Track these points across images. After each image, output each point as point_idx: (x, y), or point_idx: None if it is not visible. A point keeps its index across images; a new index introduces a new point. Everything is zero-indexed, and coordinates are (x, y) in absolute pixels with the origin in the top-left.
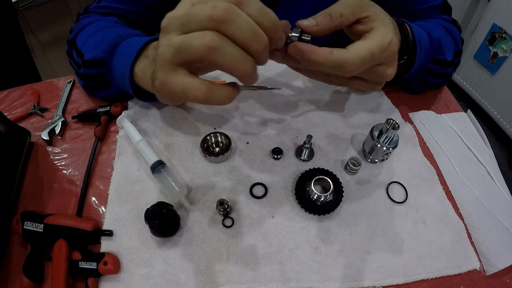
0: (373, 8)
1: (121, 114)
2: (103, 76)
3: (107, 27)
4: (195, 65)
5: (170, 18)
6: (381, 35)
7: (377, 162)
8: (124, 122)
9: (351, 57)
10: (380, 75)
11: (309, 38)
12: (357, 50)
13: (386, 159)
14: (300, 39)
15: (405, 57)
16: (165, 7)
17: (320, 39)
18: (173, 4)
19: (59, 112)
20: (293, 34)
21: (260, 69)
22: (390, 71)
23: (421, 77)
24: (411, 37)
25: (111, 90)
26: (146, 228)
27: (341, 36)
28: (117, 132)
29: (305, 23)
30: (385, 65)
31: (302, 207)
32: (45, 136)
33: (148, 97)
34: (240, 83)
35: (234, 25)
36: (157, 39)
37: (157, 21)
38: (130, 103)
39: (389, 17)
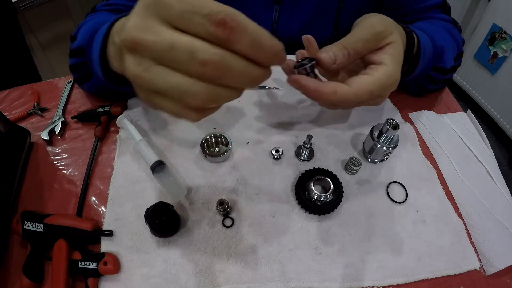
0: (391, 38)
1: (121, 114)
2: (86, 66)
3: (104, 21)
4: None
5: (139, 42)
6: (388, 74)
7: (377, 162)
8: (124, 122)
9: (352, 98)
10: (372, 103)
11: (315, 73)
12: (359, 90)
13: (386, 159)
14: (307, 69)
15: (403, 68)
16: None
17: (320, 36)
18: None
19: (59, 112)
20: (303, 62)
21: None
22: (382, 101)
23: (419, 83)
24: (416, 47)
25: (94, 81)
26: (146, 228)
27: (343, 34)
28: (117, 132)
29: (323, 55)
30: (380, 97)
31: (302, 207)
32: (45, 136)
33: (123, 84)
34: None
35: (226, 79)
36: (122, 17)
37: None
38: (130, 103)
39: (403, 40)
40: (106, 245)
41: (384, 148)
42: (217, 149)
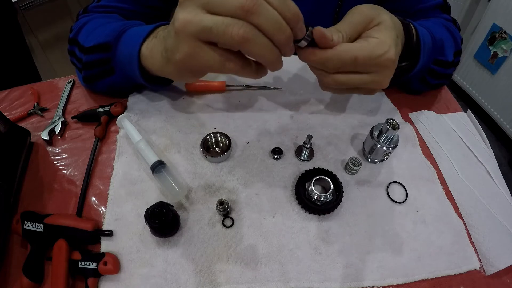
0: (378, 19)
1: (121, 114)
2: (107, 62)
3: (110, 22)
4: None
5: None
6: (374, 44)
7: (377, 162)
8: (124, 122)
9: (335, 56)
10: (373, 82)
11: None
12: (342, 53)
13: (386, 159)
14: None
15: (404, 63)
16: (166, 7)
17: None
18: (173, 3)
19: (59, 112)
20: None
21: None
22: (383, 81)
23: (422, 78)
24: (415, 38)
25: (115, 77)
26: (146, 228)
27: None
28: (117, 132)
29: (324, 30)
30: (376, 73)
31: (302, 207)
32: (45, 136)
33: (154, 82)
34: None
35: (262, 17)
36: (163, 24)
37: (157, 21)
38: (130, 103)
39: (395, 23)
40: (106, 245)
41: (384, 148)
42: (217, 149)
